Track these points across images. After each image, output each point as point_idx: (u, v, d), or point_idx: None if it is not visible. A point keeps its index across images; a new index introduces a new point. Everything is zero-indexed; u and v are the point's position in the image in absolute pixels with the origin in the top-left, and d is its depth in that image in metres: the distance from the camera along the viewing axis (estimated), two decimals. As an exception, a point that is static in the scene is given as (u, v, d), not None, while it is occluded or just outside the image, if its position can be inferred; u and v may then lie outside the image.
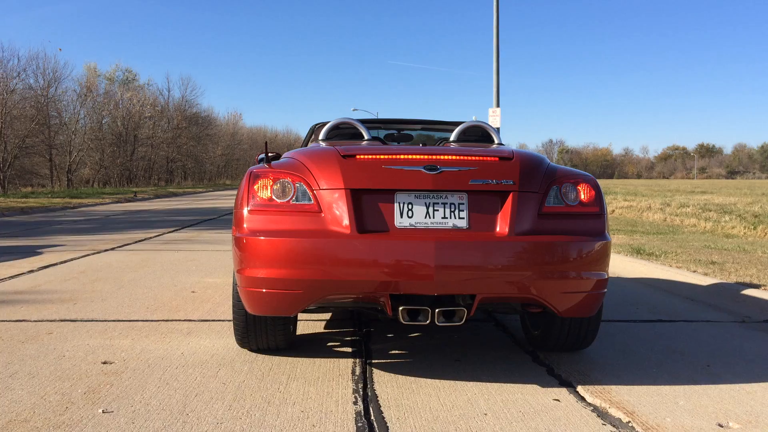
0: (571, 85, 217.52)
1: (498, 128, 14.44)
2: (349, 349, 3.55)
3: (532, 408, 2.68)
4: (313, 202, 2.90)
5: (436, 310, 2.82)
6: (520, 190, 2.93)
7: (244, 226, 2.95)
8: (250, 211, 2.95)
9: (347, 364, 3.27)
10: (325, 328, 4.06)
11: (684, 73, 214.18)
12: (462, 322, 2.88)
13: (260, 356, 3.36)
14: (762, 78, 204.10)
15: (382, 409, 2.65)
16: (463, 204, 2.91)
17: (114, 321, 4.12)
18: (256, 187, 2.99)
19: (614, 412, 2.66)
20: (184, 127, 57.52)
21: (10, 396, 2.74)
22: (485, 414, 2.61)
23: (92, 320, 4.13)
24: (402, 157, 2.96)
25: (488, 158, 3.05)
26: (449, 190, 2.90)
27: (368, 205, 2.88)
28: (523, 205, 2.92)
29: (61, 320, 4.12)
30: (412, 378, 3.05)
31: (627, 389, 2.94)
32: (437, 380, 3.02)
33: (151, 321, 4.13)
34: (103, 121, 46.77)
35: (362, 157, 2.99)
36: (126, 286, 5.35)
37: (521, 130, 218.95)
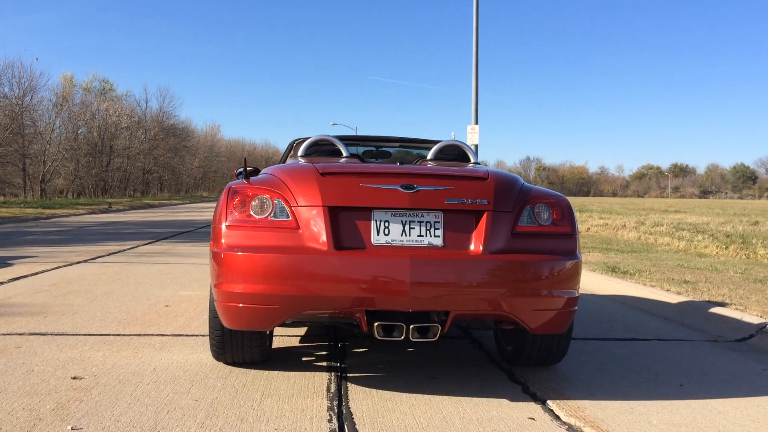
0: (549, 103, 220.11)
1: (476, 145, 14.53)
2: (324, 364, 3.52)
3: (507, 426, 2.68)
4: (291, 218, 2.92)
5: (411, 326, 2.83)
6: (494, 210, 2.97)
7: (222, 241, 2.96)
8: (228, 227, 2.97)
9: (322, 379, 3.24)
10: (300, 342, 4.03)
11: (659, 94, 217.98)
12: (436, 338, 2.89)
13: (234, 372, 3.32)
14: (734, 100, 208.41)
15: (357, 427, 2.63)
16: (438, 222, 2.94)
17: (85, 335, 4.04)
18: (234, 202, 3.01)
19: (588, 430, 2.66)
20: (162, 138, 57.04)
21: (-25, 412, 2.67)
22: (460, 432, 2.60)
23: (63, 334, 4.05)
24: (379, 175, 3.00)
25: (464, 178, 3.12)
26: (425, 208, 2.93)
27: (345, 222, 2.90)
28: (497, 224, 2.96)
29: (31, 334, 4.04)
30: (388, 395, 3.03)
31: (601, 408, 2.95)
32: (412, 397, 3.01)
33: (124, 335, 4.06)
34: (79, 132, 46.16)
35: (340, 174, 3.06)
36: (98, 300, 5.27)
37: (499, 147, 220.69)
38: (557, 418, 2.82)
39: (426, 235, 2.92)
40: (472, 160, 4.19)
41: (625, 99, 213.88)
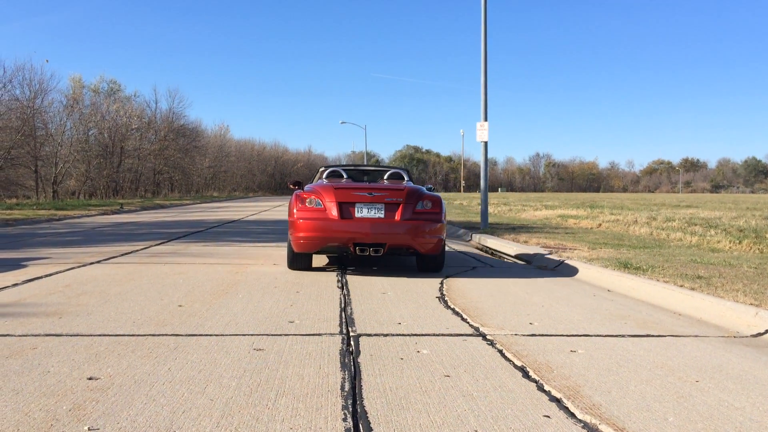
0: (559, 98, 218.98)
1: (486, 142, 14.60)
2: (338, 363, 3.52)
3: (522, 424, 2.67)
4: (322, 206, 6.82)
5: (371, 249, 6.66)
6: (405, 203, 6.87)
7: (294, 216, 6.91)
8: (297, 210, 6.90)
9: (336, 379, 3.24)
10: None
11: (669, 88, 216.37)
12: (381, 254, 6.75)
13: (248, 371, 3.33)
14: (745, 94, 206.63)
15: (371, 426, 2.63)
16: (382, 208, 6.77)
17: (100, 336, 4.07)
18: (299, 199, 6.97)
19: (604, 428, 2.65)
20: (172, 138, 57.28)
21: (-7, 413, 2.70)
22: (476, 431, 2.59)
23: (78, 335, 4.07)
24: (359, 189, 6.87)
25: (392, 189, 7.00)
26: (377, 202, 6.76)
27: (345, 208, 6.74)
28: (406, 209, 6.84)
29: (46, 335, 4.06)
30: (402, 394, 3.03)
31: (617, 405, 2.94)
32: (427, 396, 3.01)
33: (138, 335, 4.09)
34: (90, 133, 46.46)
35: (343, 188, 6.93)
36: (112, 300, 5.30)
37: (509, 143, 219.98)
38: (572, 415, 2.81)
39: (377, 213, 6.76)
40: (405, 179, 8.49)
41: (635, 94, 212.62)
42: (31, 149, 36.71)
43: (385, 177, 8.54)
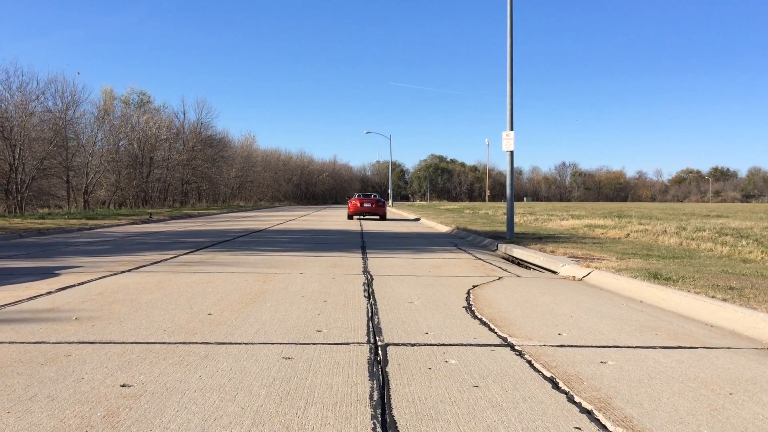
0: (585, 107, 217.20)
1: (512, 151, 14.57)
2: (367, 372, 3.53)
3: (552, 436, 2.65)
4: (356, 202, 29.80)
5: (367, 215, 29.84)
6: (375, 202, 29.80)
7: (349, 204, 30.67)
8: (350, 203, 30.52)
9: (365, 388, 3.25)
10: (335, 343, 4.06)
11: (698, 96, 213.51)
12: (368, 216, 30.67)
13: (277, 380, 3.35)
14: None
15: (401, 435, 2.63)
16: (370, 203, 29.50)
17: (132, 343, 4.13)
18: (351, 201, 30.59)
19: (636, 440, 2.62)
20: (199, 149, 57.99)
21: (29, 419, 2.76)
22: (505, 441, 2.58)
23: (110, 342, 4.14)
24: (366, 201, 29.90)
25: (372, 198, 30.35)
26: (369, 202, 29.60)
27: (361, 203, 29.62)
28: (376, 203, 29.70)
29: (80, 342, 4.14)
30: (431, 404, 3.03)
31: (649, 418, 2.90)
32: (456, 407, 3.00)
33: (169, 343, 4.14)
34: (120, 144, 47.23)
35: (360, 199, 30.36)
36: (143, 308, 5.38)
37: (535, 152, 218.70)
38: (604, 427, 2.78)
39: (368, 204, 29.36)
40: (378, 196, 31.23)
41: (663, 102, 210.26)
42: (63, 160, 37.42)
43: (372, 195, 30.12)
